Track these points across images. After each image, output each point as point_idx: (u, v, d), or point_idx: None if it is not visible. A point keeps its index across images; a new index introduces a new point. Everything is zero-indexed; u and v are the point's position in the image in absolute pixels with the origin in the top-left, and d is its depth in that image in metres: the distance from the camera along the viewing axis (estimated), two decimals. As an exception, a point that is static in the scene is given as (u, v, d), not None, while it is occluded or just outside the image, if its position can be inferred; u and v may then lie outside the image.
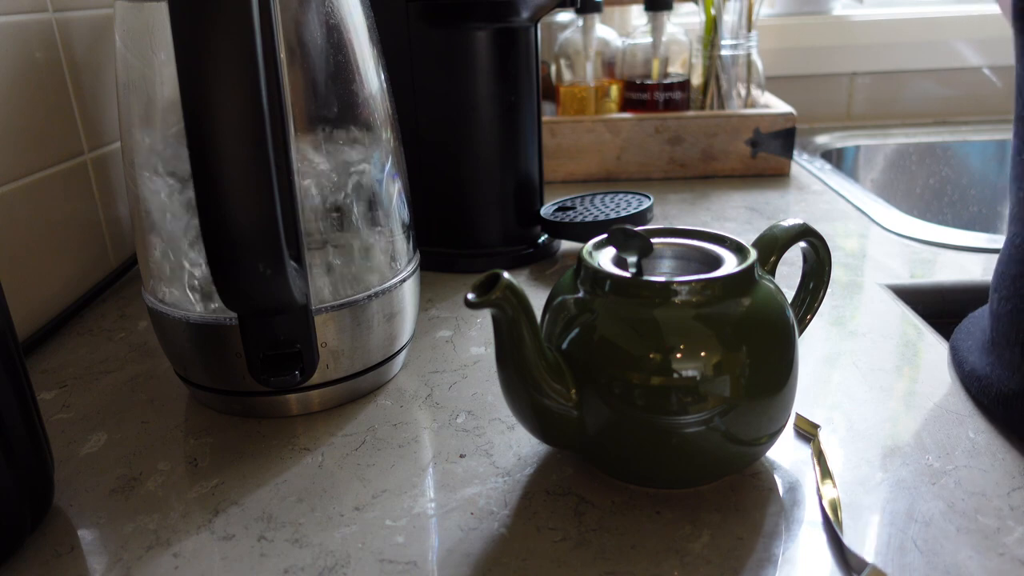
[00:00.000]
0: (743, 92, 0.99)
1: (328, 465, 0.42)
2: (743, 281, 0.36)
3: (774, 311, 0.36)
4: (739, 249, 0.38)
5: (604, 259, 0.39)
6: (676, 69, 1.00)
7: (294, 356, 0.44)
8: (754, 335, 0.35)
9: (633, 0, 1.11)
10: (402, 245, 0.49)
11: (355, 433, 0.44)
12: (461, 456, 0.42)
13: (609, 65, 1.03)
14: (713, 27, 0.98)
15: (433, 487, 0.39)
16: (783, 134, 0.94)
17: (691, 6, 1.06)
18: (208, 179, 0.35)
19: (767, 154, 0.94)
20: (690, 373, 0.34)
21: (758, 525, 0.36)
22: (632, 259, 0.37)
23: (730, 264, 0.37)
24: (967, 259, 0.67)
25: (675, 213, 0.82)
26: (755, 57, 0.99)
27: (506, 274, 0.34)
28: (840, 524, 0.35)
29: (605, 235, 0.39)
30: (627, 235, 0.37)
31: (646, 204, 0.71)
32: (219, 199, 0.35)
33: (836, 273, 0.63)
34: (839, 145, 1.13)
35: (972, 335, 0.48)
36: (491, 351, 0.53)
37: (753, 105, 1.00)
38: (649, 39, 0.98)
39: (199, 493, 0.40)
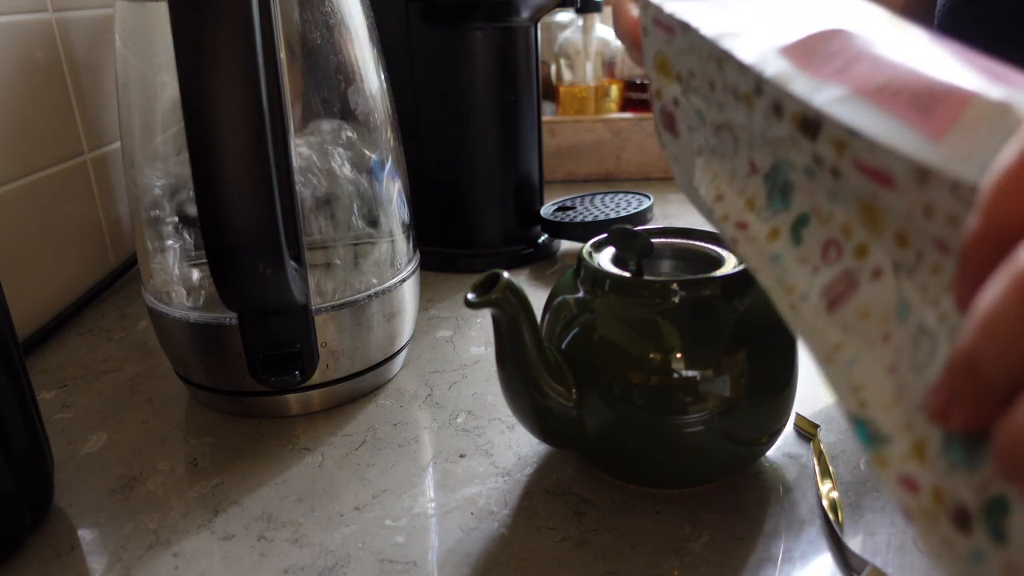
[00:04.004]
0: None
1: (328, 465, 0.42)
2: (743, 281, 0.36)
3: (774, 311, 0.36)
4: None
5: (604, 259, 0.39)
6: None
7: (294, 356, 0.44)
8: (754, 335, 0.35)
9: (632, 2, 1.11)
10: (402, 245, 0.49)
11: (355, 433, 0.44)
12: (461, 456, 0.42)
13: (609, 65, 1.03)
14: (713, 27, 0.97)
15: (433, 487, 0.39)
16: (783, 134, 0.93)
17: (691, 6, 1.05)
18: (208, 179, 0.35)
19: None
20: (690, 373, 0.34)
21: (758, 525, 0.36)
22: (632, 259, 0.37)
23: (730, 264, 0.37)
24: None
25: (675, 213, 0.82)
26: (755, 57, 0.99)
27: (506, 274, 0.34)
28: (840, 524, 0.35)
29: (605, 235, 0.39)
30: (627, 235, 0.37)
31: (646, 204, 0.71)
32: (219, 199, 0.35)
33: (836, 273, 0.63)
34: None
35: None
36: (491, 351, 0.53)
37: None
38: (649, 39, 0.98)
39: (199, 493, 0.40)
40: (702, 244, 0.40)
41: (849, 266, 0.21)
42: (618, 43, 1.03)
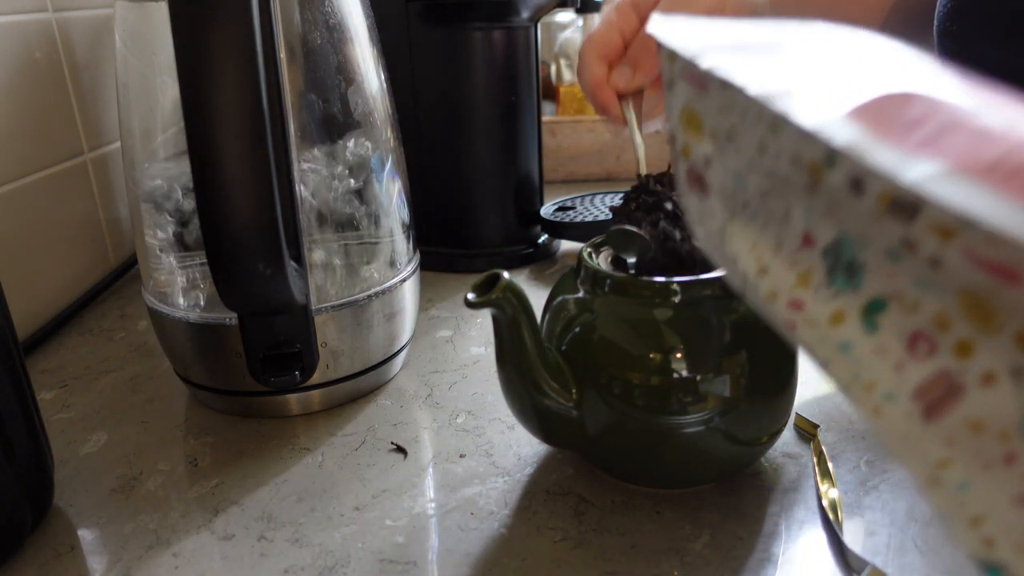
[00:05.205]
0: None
1: (328, 465, 0.42)
2: (743, 281, 0.36)
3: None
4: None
5: (604, 259, 0.39)
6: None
7: (294, 356, 0.44)
8: (754, 335, 0.35)
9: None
10: (402, 245, 0.49)
11: (355, 433, 0.44)
12: (461, 456, 0.42)
13: (609, 65, 1.03)
14: (713, 27, 0.97)
15: (433, 487, 0.39)
16: (783, 134, 0.93)
17: (691, 6, 1.05)
18: (208, 179, 0.35)
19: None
20: (690, 373, 0.34)
21: (758, 525, 0.36)
22: (631, 259, 0.37)
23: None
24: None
25: (675, 213, 0.82)
26: (755, 57, 0.99)
27: (506, 274, 0.34)
28: (840, 524, 0.35)
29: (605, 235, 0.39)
30: (626, 235, 0.37)
31: (646, 204, 0.71)
32: (219, 199, 0.35)
33: (836, 273, 0.63)
34: (839, 145, 1.13)
35: None
36: (491, 351, 0.53)
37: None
38: (649, 39, 0.98)
39: (199, 493, 0.40)
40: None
41: (947, 366, 0.18)
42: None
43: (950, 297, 0.18)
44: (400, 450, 0.42)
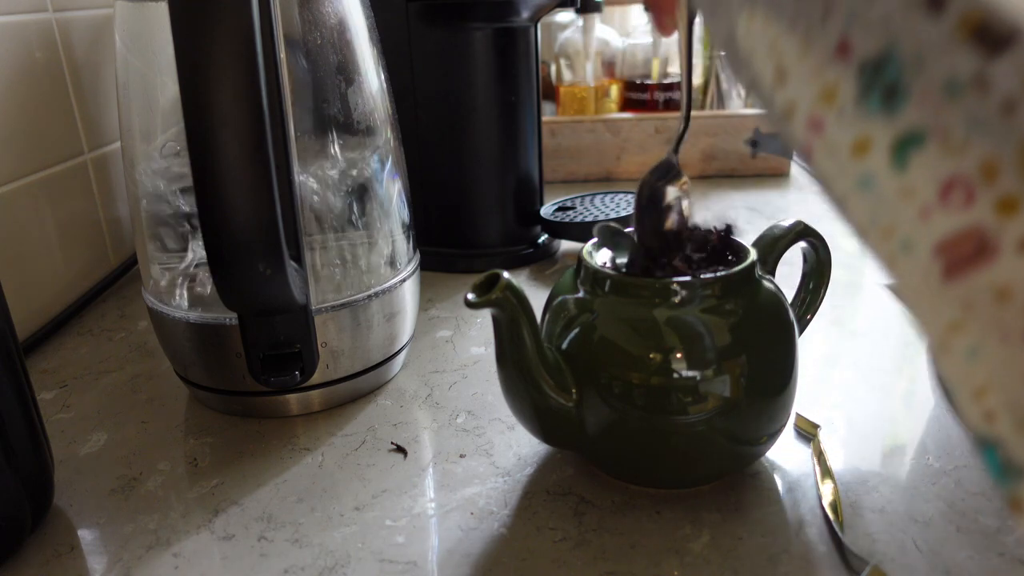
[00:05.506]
0: (743, 92, 0.99)
1: (328, 465, 0.42)
2: (743, 281, 0.36)
3: (774, 311, 0.36)
4: (739, 249, 0.38)
5: (604, 259, 0.39)
6: (676, 69, 1.01)
7: (294, 356, 0.44)
8: (754, 335, 0.35)
9: (633, 0, 1.11)
10: (402, 245, 0.49)
11: (355, 433, 0.44)
12: (461, 456, 0.42)
13: (609, 65, 1.03)
14: (713, 27, 0.97)
15: (433, 487, 0.39)
16: (783, 134, 0.93)
17: (691, 6, 1.05)
18: (208, 179, 0.35)
19: (767, 154, 0.94)
20: (690, 373, 0.34)
21: (758, 525, 0.36)
22: (622, 259, 0.37)
23: (730, 263, 0.37)
24: (967, 259, 0.67)
25: (675, 213, 0.82)
26: (755, 57, 0.99)
27: (506, 274, 0.34)
28: (840, 524, 0.35)
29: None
30: (613, 233, 0.37)
31: (646, 204, 0.71)
32: (219, 199, 0.35)
33: (836, 273, 0.63)
34: (839, 145, 1.13)
35: None
36: (491, 351, 0.53)
37: (753, 105, 1.00)
38: (649, 39, 0.98)
39: (199, 493, 0.40)
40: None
41: (983, 222, 0.15)
42: (618, 43, 1.03)
43: (1008, 145, 0.15)
44: (400, 450, 0.42)
